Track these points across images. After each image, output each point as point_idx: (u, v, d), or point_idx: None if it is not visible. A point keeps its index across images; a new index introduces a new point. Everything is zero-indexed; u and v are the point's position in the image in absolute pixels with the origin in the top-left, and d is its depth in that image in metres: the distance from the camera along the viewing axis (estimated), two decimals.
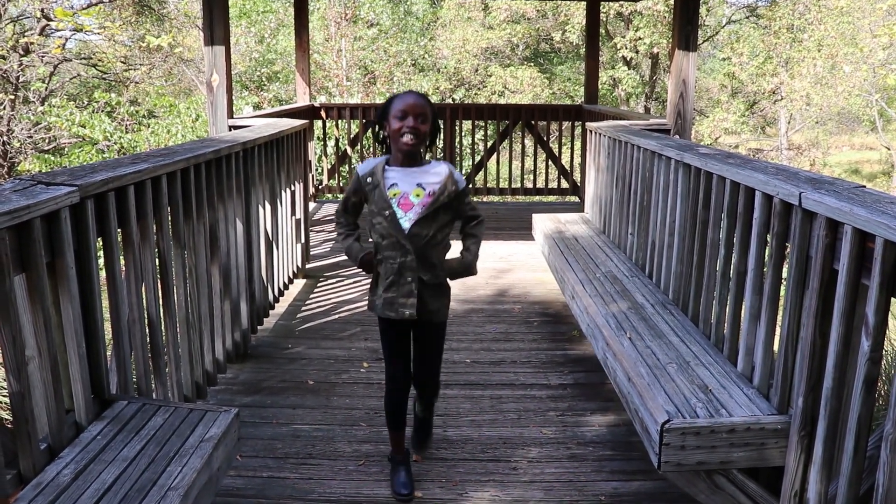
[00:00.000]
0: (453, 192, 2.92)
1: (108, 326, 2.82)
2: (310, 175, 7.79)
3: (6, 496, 2.10)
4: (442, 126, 3.56)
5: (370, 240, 3.02)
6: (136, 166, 2.89)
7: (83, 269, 2.53)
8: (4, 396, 3.93)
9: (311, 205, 8.62)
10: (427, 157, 3.06)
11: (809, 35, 20.06)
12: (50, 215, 2.32)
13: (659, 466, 2.54)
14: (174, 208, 3.25)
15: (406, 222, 2.87)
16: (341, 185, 9.31)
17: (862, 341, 2.11)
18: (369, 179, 2.93)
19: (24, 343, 2.20)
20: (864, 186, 2.48)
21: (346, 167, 9.40)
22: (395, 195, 2.89)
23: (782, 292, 2.69)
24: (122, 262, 2.87)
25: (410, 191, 2.89)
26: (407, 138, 2.85)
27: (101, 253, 2.76)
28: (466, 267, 3.08)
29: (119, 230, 2.80)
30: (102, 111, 12.80)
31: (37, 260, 2.25)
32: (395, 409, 3.15)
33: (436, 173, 2.93)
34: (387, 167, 2.94)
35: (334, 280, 6.09)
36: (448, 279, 3.08)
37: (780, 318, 2.68)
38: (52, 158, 12.54)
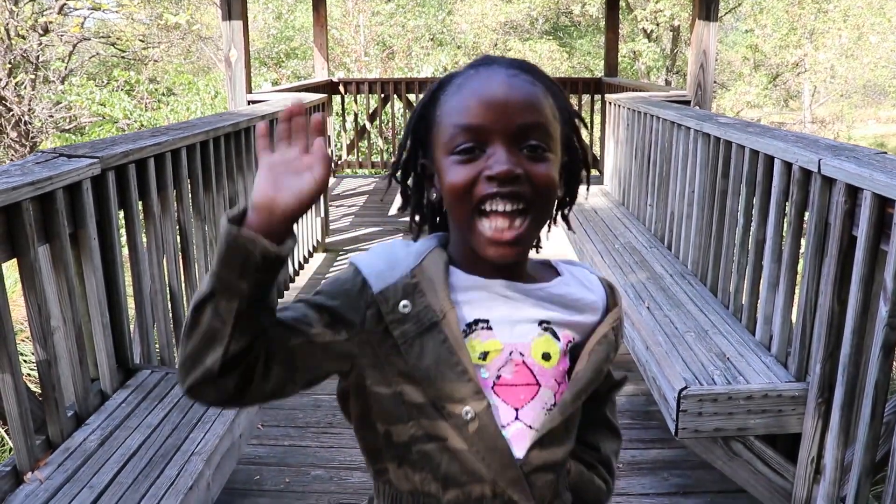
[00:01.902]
0: (617, 347, 1.17)
1: (130, 300, 2.87)
2: (329, 150, 7.80)
3: (36, 460, 2.15)
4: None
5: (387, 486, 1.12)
6: (155, 139, 2.92)
7: (105, 240, 2.57)
8: (33, 369, 4.01)
9: (331, 180, 8.64)
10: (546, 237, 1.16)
11: (835, 5, 19.72)
12: (72, 186, 2.35)
13: (676, 433, 2.56)
14: (194, 181, 3.29)
15: (520, 441, 1.05)
16: (360, 160, 9.30)
17: (880, 307, 2.11)
18: (404, 307, 1.01)
19: (49, 313, 2.25)
20: (885, 153, 2.46)
21: (366, 142, 9.41)
22: (485, 358, 1.05)
23: (800, 261, 2.69)
24: (144, 234, 2.91)
25: (525, 342, 1.07)
26: (500, 226, 1.01)
27: (122, 226, 2.80)
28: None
29: (140, 202, 2.84)
30: (122, 89, 12.86)
31: (60, 230, 2.29)
32: None
33: (576, 287, 1.15)
34: (452, 269, 1.07)
35: (354, 254, 6.14)
36: None
37: (798, 286, 2.68)
38: (73, 137, 12.64)
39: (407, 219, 1.17)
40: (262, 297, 0.95)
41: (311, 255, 5.65)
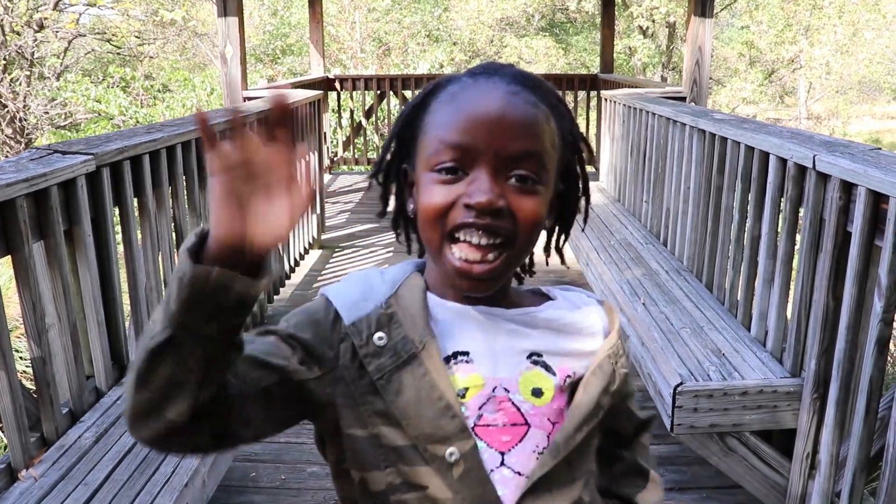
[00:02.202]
0: (623, 377, 1.02)
1: (126, 297, 2.86)
2: (325, 146, 7.80)
3: (31, 458, 2.15)
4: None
5: None
6: (150, 135, 2.91)
7: (100, 237, 2.57)
8: (28, 367, 4.00)
9: (327, 176, 8.63)
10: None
11: (830, 1, 19.74)
12: (66, 183, 2.35)
13: (672, 429, 2.56)
14: (189, 177, 3.28)
15: (509, 490, 0.92)
16: (356, 156, 9.30)
17: (875, 302, 2.11)
18: (379, 339, 0.92)
19: (44, 310, 2.24)
20: (880, 149, 2.46)
21: (362, 139, 9.39)
22: (464, 395, 0.92)
23: (795, 257, 2.69)
24: (139, 231, 2.90)
25: (510, 376, 0.95)
26: (470, 257, 0.90)
27: (118, 223, 2.79)
28: None
29: (135, 199, 2.83)
30: (117, 86, 12.83)
31: (54, 227, 2.28)
32: None
33: (569, 310, 1.02)
34: (429, 296, 0.97)
35: (350, 250, 6.12)
36: None
37: (793, 281, 2.68)
38: (69, 134, 12.62)
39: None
40: (233, 338, 0.80)
41: (306, 251, 5.64)
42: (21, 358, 4.40)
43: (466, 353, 0.93)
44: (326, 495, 2.85)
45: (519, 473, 0.92)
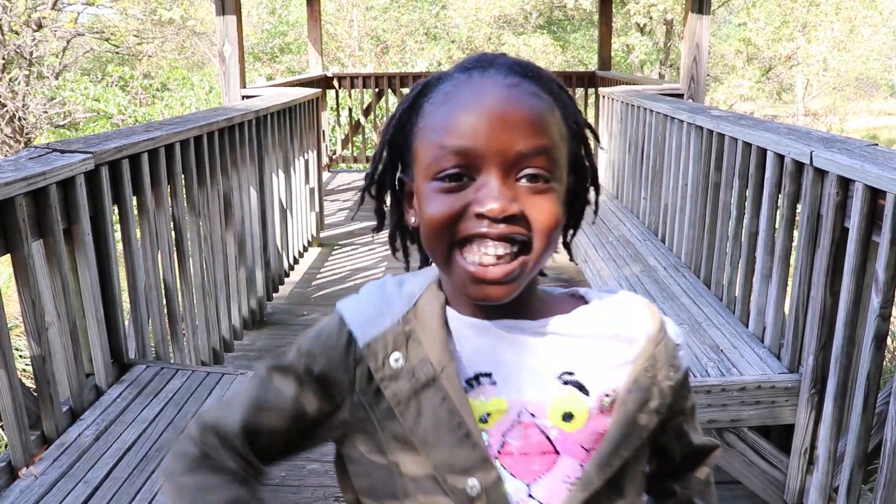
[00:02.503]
0: (670, 391, 0.90)
1: (125, 295, 2.87)
2: (323, 145, 7.80)
3: (31, 456, 2.15)
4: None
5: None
6: (148, 134, 2.92)
7: (99, 235, 2.57)
8: (28, 365, 4.01)
9: (325, 174, 8.64)
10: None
11: None
12: (65, 182, 2.35)
13: None
14: (188, 176, 3.29)
15: None
16: (355, 154, 9.29)
17: (872, 298, 2.12)
18: (395, 361, 0.86)
19: (44, 308, 2.25)
20: (877, 145, 2.47)
21: (360, 137, 9.39)
22: (487, 420, 0.86)
23: (793, 253, 2.70)
24: (138, 229, 2.91)
25: (538, 400, 0.87)
26: (485, 260, 0.82)
27: (116, 221, 2.80)
28: None
29: (134, 198, 2.84)
30: (116, 85, 12.83)
31: (53, 226, 2.29)
32: None
33: (606, 318, 0.91)
34: (449, 309, 0.90)
35: (349, 248, 6.13)
36: None
37: (790, 277, 2.69)
38: (68, 133, 12.61)
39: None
40: None
41: (305, 249, 5.65)
42: (21, 356, 4.41)
43: (489, 375, 0.86)
44: (326, 492, 2.86)
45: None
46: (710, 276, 3.45)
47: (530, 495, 0.84)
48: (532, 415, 0.85)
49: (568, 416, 0.85)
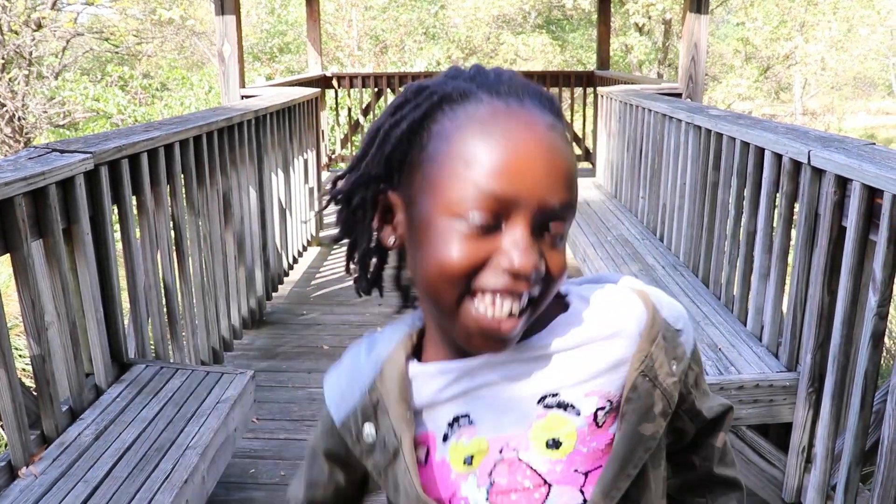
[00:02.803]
0: (675, 386, 0.85)
1: (125, 295, 2.87)
2: (322, 144, 7.80)
3: (31, 455, 2.16)
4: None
5: None
6: (148, 134, 2.92)
7: (99, 235, 2.58)
8: (27, 364, 4.01)
9: (325, 174, 8.64)
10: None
11: None
12: (65, 182, 2.36)
13: None
14: (187, 176, 3.29)
15: None
16: (354, 154, 9.28)
17: (869, 297, 2.12)
18: (368, 435, 0.86)
19: (43, 308, 2.25)
20: (874, 144, 2.48)
21: (359, 137, 9.38)
22: (471, 462, 0.83)
23: (791, 252, 2.71)
24: (138, 229, 2.91)
25: (517, 432, 0.82)
26: (497, 314, 0.75)
27: (117, 222, 2.80)
28: None
29: (134, 198, 2.84)
30: (116, 85, 12.82)
31: (53, 226, 2.29)
32: None
33: (592, 316, 0.84)
34: (415, 364, 0.86)
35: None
36: None
37: (788, 276, 2.69)
38: (67, 133, 12.61)
39: None
40: None
41: (304, 248, 5.66)
42: (21, 356, 4.41)
43: (468, 416, 0.82)
44: None
45: None
46: (709, 274, 3.46)
47: None
48: (514, 449, 0.81)
49: (554, 443, 0.80)
